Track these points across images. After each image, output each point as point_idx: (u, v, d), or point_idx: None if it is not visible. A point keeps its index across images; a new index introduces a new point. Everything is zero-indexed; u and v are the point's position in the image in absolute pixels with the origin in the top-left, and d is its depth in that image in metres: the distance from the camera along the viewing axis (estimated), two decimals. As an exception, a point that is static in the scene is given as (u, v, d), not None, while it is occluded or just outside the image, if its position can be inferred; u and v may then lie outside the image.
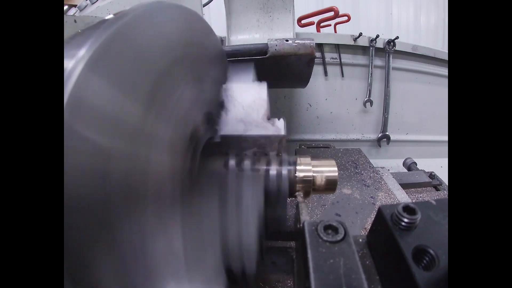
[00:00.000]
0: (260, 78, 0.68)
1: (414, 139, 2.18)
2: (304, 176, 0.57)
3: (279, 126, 0.59)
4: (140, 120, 0.35)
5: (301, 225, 0.42)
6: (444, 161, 2.15)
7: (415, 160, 1.80)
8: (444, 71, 2.06)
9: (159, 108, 0.39)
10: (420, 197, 1.39)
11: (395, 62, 1.93)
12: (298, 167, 0.57)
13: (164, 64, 0.40)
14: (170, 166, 0.44)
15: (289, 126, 1.94)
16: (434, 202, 0.40)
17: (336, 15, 2.32)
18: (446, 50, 2.08)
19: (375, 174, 1.30)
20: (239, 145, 0.60)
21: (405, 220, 0.36)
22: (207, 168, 0.57)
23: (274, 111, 1.84)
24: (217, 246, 0.46)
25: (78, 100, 0.25)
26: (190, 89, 0.49)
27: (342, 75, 1.89)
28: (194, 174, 0.53)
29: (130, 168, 0.33)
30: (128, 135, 0.33)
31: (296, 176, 0.57)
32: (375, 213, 0.41)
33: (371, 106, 1.98)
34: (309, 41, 0.98)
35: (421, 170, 1.65)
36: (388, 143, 2.07)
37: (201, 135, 0.55)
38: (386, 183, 1.24)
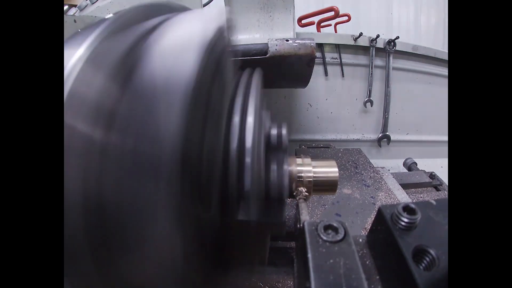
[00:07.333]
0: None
1: (415, 139, 2.18)
2: (304, 177, 0.57)
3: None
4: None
5: (301, 225, 0.42)
6: (444, 161, 2.15)
7: (416, 160, 1.80)
8: (444, 71, 2.06)
9: None
10: (420, 197, 1.40)
11: (396, 62, 1.92)
12: (298, 168, 0.57)
13: None
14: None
15: (289, 126, 1.93)
16: (434, 202, 0.40)
17: (337, 15, 2.31)
18: (446, 50, 2.08)
19: (375, 174, 1.30)
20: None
21: (405, 220, 0.36)
22: None
23: (274, 111, 1.85)
24: None
25: (78, 97, 0.25)
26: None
27: (343, 75, 1.89)
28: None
29: (136, 167, 0.33)
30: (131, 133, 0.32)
31: (296, 176, 0.57)
32: (375, 213, 0.41)
33: (371, 106, 1.98)
34: (309, 41, 0.98)
35: (421, 170, 1.66)
36: (388, 143, 2.07)
37: None
38: (386, 183, 1.24)
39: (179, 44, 0.34)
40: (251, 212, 0.43)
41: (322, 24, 2.63)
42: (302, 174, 0.57)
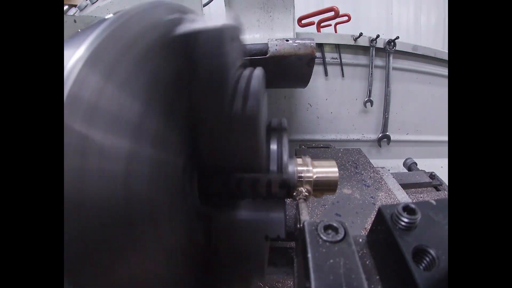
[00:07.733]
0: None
1: (415, 139, 2.18)
2: (304, 177, 0.57)
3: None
4: (140, 118, 0.35)
5: (301, 225, 0.42)
6: (444, 161, 2.15)
7: (416, 160, 1.80)
8: (444, 71, 2.06)
9: (159, 107, 0.39)
10: (420, 197, 1.40)
11: (396, 62, 1.93)
12: (298, 168, 0.57)
13: (166, 63, 0.40)
14: (173, 167, 0.44)
15: (289, 126, 1.94)
16: (434, 202, 0.40)
17: (337, 15, 2.32)
18: (446, 50, 2.08)
19: (375, 174, 1.30)
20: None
21: (405, 220, 0.36)
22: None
23: (274, 111, 1.85)
24: None
25: (78, 98, 0.25)
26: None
27: (343, 75, 1.89)
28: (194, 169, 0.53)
29: (135, 167, 0.33)
30: (129, 133, 0.32)
31: (296, 176, 0.57)
32: (375, 213, 0.41)
33: (371, 106, 1.98)
34: (309, 41, 0.98)
35: (421, 170, 1.66)
36: (388, 143, 2.07)
37: None
38: (386, 183, 1.24)
39: None
40: None
41: (322, 24, 2.63)
42: (302, 174, 0.56)
